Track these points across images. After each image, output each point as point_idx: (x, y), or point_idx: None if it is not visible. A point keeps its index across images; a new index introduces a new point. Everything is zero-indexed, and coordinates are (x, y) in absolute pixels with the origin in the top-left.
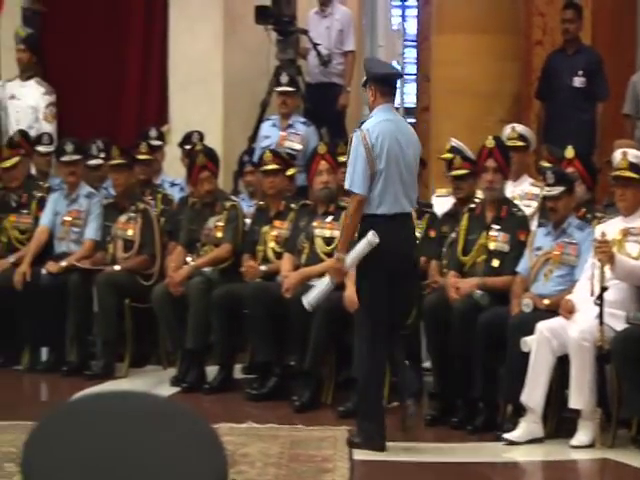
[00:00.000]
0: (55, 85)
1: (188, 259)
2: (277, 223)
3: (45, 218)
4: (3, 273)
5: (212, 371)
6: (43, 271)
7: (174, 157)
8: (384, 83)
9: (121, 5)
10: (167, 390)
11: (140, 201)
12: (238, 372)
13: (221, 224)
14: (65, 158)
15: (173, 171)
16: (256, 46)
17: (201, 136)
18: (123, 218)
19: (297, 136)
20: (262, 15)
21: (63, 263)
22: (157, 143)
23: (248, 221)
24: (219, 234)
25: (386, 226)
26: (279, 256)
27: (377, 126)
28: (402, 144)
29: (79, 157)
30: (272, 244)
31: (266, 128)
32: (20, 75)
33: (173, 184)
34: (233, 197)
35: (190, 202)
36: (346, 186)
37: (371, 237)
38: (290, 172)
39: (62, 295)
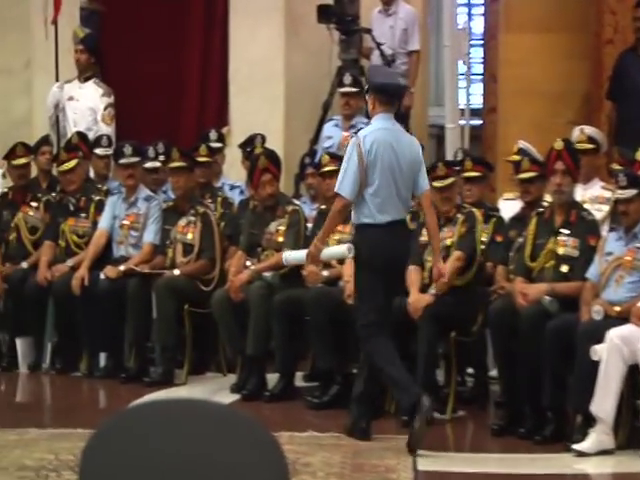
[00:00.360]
0: (113, 86)
1: (248, 263)
2: (339, 227)
3: (103, 222)
4: (61, 278)
5: (273, 378)
6: (101, 275)
7: (234, 159)
8: (383, 92)
9: (181, 5)
10: (227, 398)
11: (200, 204)
12: (299, 380)
13: (282, 228)
14: (123, 161)
15: (233, 174)
16: (318, 46)
17: (264, 139)
18: (183, 222)
19: None
20: (324, 14)
21: (122, 267)
22: (217, 145)
23: (310, 225)
24: (280, 239)
25: (381, 234)
26: (341, 261)
27: (372, 134)
28: (397, 153)
29: (137, 159)
30: None
31: (329, 129)
32: (78, 76)
33: (233, 187)
34: (295, 201)
35: (251, 205)
36: (335, 189)
37: (347, 251)
38: None
39: (121, 300)
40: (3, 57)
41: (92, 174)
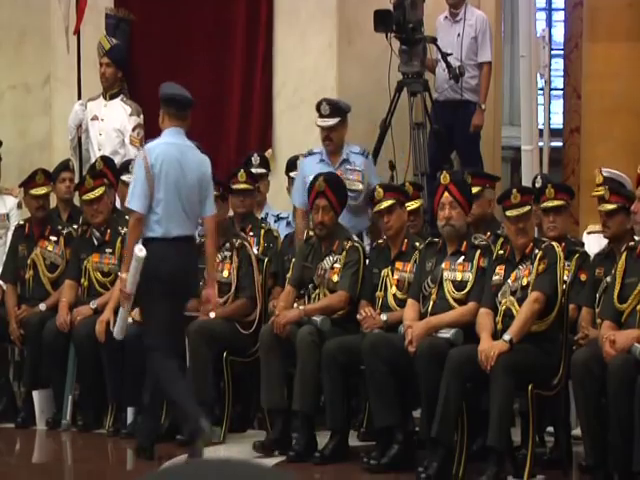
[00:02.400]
0: (143, 105)
1: (295, 305)
2: (399, 265)
3: None
4: (83, 321)
5: (324, 437)
6: (129, 320)
7: (280, 187)
8: (172, 105)
9: (221, 12)
10: (271, 458)
11: (236, 236)
12: (354, 438)
13: (338, 266)
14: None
15: (279, 203)
16: (375, 57)
17: None
18: (218, 258)
19: None
20: (382, 22)
21: None
22: (260, 171)
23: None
24: (335, 277)
25: (166, 248)
26: (401, 303)
27: (157, 147)
28: (184, 168)
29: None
30: (393, 289)
31: (309, 165)
32: (103, 93)
33: (279, 218)
34: (355, 236)
35: (306, 236)
36: (125, 204)
37: (137, 251)
38: (414, 205)
39: None
40: (20, 72)
41: (118, 204)
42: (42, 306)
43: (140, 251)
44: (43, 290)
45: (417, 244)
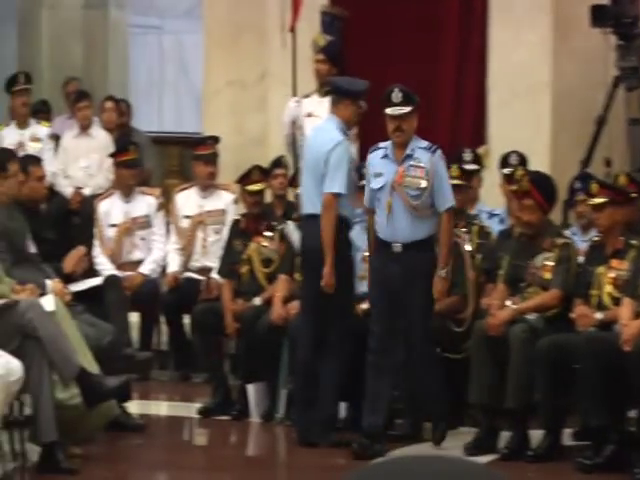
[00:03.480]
0: None
1: (508, 302)
2: (615, 263)
3: None
4: (297, 316)
5: (537, 435)
6: None
7: (493, 183)
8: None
9: (434, 8)
10: (483, 456)
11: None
12: (567, 438)
13: (550, 264)
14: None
15: (491, 200)
16: (591, 53)
17: (521, 158)
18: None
19: None
20: (599, 16)
21: (363, 306)
22: (472, 167)
23: (581, 259)
24: (547, 275)
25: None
26: (617, 302)
27: None
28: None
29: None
30: (609, 287)
31: (375, 162)
32: (318, 89)
33: (492, 215)
34: (566, 233)
35: (516, 233)
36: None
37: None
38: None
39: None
40: (236, 68)
41: None
42: (257, 300)
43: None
44: (258, 285)
45: (634, 242)
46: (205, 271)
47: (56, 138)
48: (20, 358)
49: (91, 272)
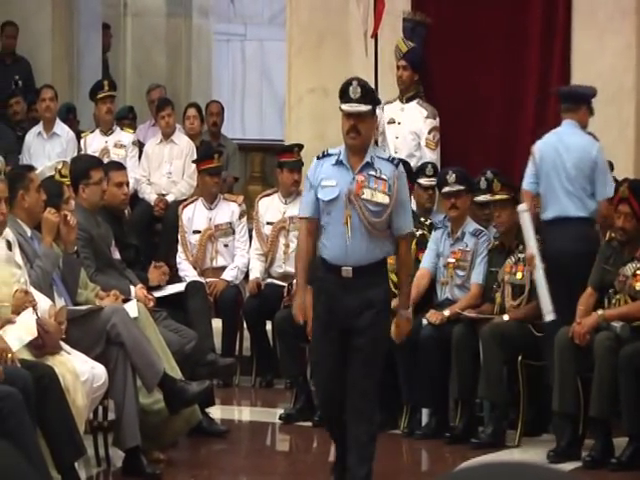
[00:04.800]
0: (438, 107)
1: (600, 312)
2: None
3: (426, 260)
4: None
5: (621, 443)
6: (424, 321)
7: None
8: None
9: (517, 14)
10: (567, 463)
11: None
12: None
13: None
14: (446, 189)
15: None
16: None
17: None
18: (510, 260)
19: None
20: None
21: (446, 312)
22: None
23: None
24: (638, 285)
25: None
26: None
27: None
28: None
29: (462, 188)
30: None
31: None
32: (400, 96)
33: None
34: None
35: (608, 237)
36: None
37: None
38: None
39: (445, 349)
40: (318, 75)
41: (414, 206)
42: None
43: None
44: None
45: None
46: (287, 277)
47: (140, 145)
48: (104, 363)
49: (174, 278)
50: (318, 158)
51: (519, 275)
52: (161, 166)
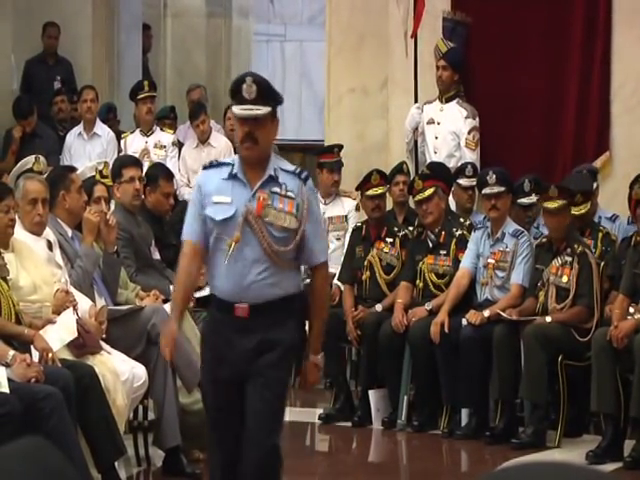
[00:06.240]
0: (478, 107)
1: (631, 310)
2: None
3: (466, 260)
4: (419, 323)
5: None
6: (464, 321)
7: (616, 191)
8: None
9: (558, 16)
10: (607, 464)
11: (578, 242)
12: None
13: None
14: (487, 190)
15: (616, 205)
16: None
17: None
18: (557, 262)
19: None
20: None
21: (486, 313)
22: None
23: None
24: None
25: None
26: None
27: None
28: None
29: (502, 189)
30: None
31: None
32: (439, 96)
33: (613, 219)
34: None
35: (634, 241)
36: None
37: None
38: None
39: (486, 349)
40: (358, 75)
41: (454, 207)
42: (378, 307)
43: None
44: (379, 291)
45: None
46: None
47: (180, 145)
48: (144, 363)
49: None
50: (205, 168)
51: (564, 278)
52: (199, 167)
